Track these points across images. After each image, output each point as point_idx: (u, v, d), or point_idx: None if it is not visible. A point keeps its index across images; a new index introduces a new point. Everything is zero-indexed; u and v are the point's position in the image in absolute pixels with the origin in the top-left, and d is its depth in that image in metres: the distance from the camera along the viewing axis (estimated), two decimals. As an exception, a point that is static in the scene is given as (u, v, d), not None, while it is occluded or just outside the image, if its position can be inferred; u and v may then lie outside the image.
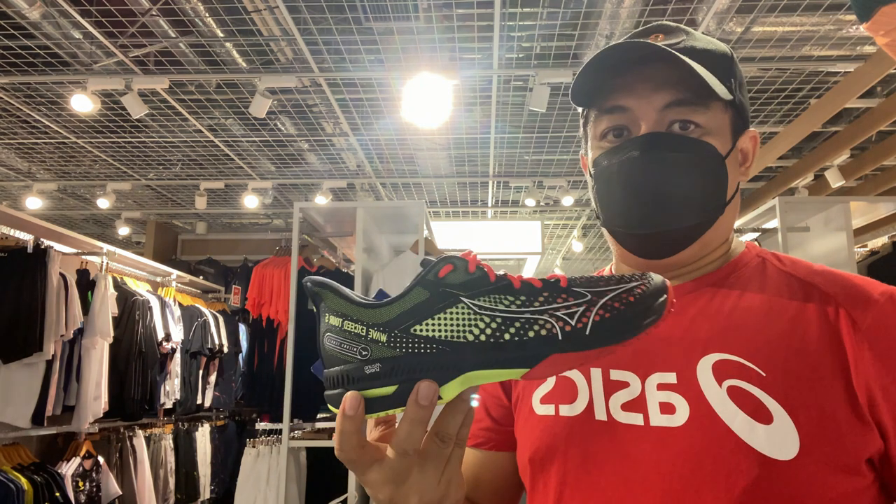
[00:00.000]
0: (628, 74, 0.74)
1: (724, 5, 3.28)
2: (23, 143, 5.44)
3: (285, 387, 3.17)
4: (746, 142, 0.80)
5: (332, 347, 0.57)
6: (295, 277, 3.31)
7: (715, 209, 0.75)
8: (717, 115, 0.74)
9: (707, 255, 0.78)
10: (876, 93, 4.20)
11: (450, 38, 3.70)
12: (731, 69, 0.76)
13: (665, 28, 0.78)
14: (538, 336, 0.53)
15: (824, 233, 3.40)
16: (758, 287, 0.74)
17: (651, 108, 0.73)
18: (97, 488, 3.91)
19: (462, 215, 7.54)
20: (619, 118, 0.75)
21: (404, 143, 5.35)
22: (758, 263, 0.78)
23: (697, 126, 0.73)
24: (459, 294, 0.55)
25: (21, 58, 3.92)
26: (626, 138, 0.75)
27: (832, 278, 0.72)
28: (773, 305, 0.71)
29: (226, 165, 5.94)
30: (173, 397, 4.77)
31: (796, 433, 0.62)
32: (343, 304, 0.57)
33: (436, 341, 0.54)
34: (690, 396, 0.67)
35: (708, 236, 0.76)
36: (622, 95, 0.74)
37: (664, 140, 0.73)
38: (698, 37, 0.77)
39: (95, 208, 7.09)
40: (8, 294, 3.33)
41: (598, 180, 0.78)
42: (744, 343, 0.68)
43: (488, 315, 0.54)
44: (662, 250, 0.76)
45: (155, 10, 3.44)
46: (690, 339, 0.71)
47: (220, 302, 6.03)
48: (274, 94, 4.29)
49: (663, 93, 0.73)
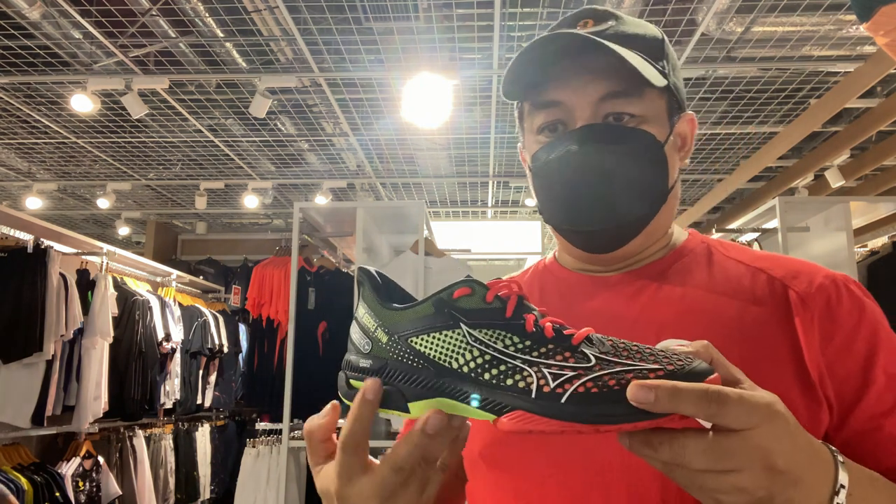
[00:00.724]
0: (560, 65, 0.72)
1: (724, 5, 3.28)
2: (23, 143, 5.44)
3: (285, 387, 3.17)
4: (683, 125, 0.78)
5: (353, 333, 0.59)
6: (295, 277, 3.31)
7: (658, 199, 0.74)
8: (652, 102, 0.72)
9: (652, 244, 0.77)
10: (876, 93, 4.20)
11: (450, 38, 3.70)
12: (664, 52, 0.74)
13: (594, 13, 0.75)
14: (514, 386, 0.50)
15: (824, 233, 3.40)
16: (706, 273, 0.74)
17: (585, 101, 0.71)
18: (97, 488, 3.91)
19: (462, 215, 7.54)
20: (554, 112, 0.73)
21: (404, 143, 5.35)
22: (703, 250, 0.77)
23: (633, 116, 0.71)
24: (461, 319, 0.53)
25: (21, 58, 3.92)
26: (562, 132, 0.73)
27: (778, 262, 0.72)
28: (723, 290, 0.71)
29: (226, 165, 5.94)
30: (173, 397, 4.77)
31: None
32: (371, 297, 0.58)
33: (424, 358, 0.54)
34: None
35: (652, 226, 0.75)
36: (556, 89, 0.72)
37: (600, 132, 0.71)
38: (628, 21, 0.75)
39: (95, 208, 7.09)
40: (8, 294, 3.33)
41: (537, 176, 0.76)
42: (698, 329, 0.68)
43: (480, 348, 0.52)
44: (607, 245, 0.75)
45: (155, 10, 3.44)
46: (643, 327, 0.70)
47: (220, 302, 6.03)
48: (274, 94, 4.29)
49: (596, 84, 0.70)
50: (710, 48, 3.69)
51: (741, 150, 5.40)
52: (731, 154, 5.51)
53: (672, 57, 0.76)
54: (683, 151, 0.79)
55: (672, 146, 0.75)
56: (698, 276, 0.74)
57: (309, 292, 3.81)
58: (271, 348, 4.34)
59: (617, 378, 0.48)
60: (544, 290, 0.82)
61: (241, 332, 5.80)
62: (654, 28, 0.76)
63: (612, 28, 0.73)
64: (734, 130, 4.93)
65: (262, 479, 3.45)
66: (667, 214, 0.77)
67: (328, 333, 3.84)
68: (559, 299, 0.79)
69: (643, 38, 0.73)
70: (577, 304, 0.77)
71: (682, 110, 0.77)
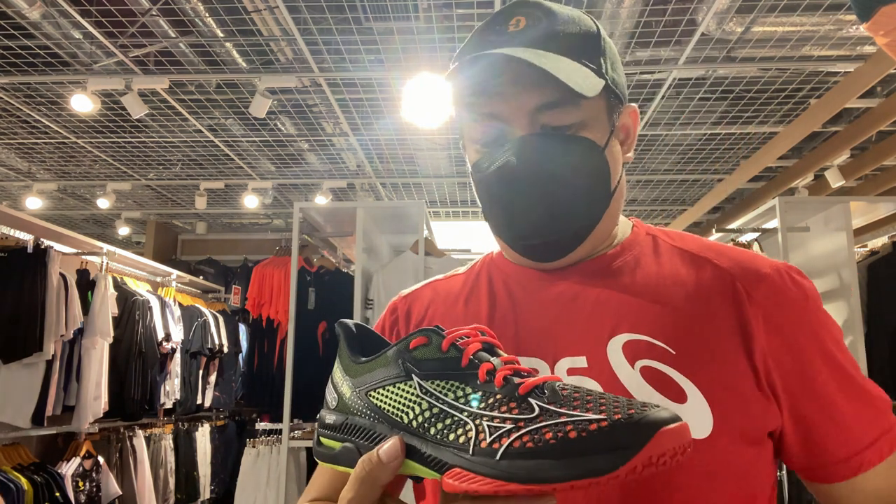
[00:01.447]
0: (492, 79, 0.69)
1: (724, 5, 3.28)
2: (23, 143, 5.44)
3: (285, 387, 3.17)
4: (626, 118, 0.76)
5: (327, 388, 0.58)
6: (295, 277, 3.31)
7: (601, 204, 0.72)
8: (589, 106, 0.70)
9: (600, 244, 0.76)
10: (876, 93, 4.20)
11: (450, 38, 3.70)
12: (599, 47, 0.71)
13: (525, 9, 0.71)
14: (455, 442, 0.47)
15: (824, 233, 3.40)
16: (654, 265, 0.73)
17: (521, 113, 0.69)
18: (97, 488, 3.91)
19: (462, 215, 7.54)
20: (492, 125, 0.71)
21: (404, 143, 5.35)
22: (649, 241, 0.77)
23: (570, 126, 0.69)
24: (413, 371, 0.51)
25: (21, 58, 3.92)
26: (500, 144, 0.71)
27: (724, 252, 0.72)
28: (672, 282, 0.70)
29: (226, 165, 5.94)
30: (173, 397, 4.78)
31: (710, 411, 0.63)
32: (343, 350, 0.57)
33: (379, 412, 0.52)
34: (603, 380, 0.66)
35: (598, 229, 0.74)
36: (490, 101, 0.70)
37: (537, 143, 0.69)
38: (561, 15, 0.71)
39: (95, 208, 7.09)
40: (8, 294, 3.33)
41: (479, 186, 0.75)
42: (650, 322, 0.67)
43: (429, 401, 0.49)
44: (551, 255, 0.74)
45: (155, 10, 3.44)
46: (597, 321, 0.69)
47: (220, 302, 6.03)
48: (274, 94, 4.29)
49: (530, 95, 0.68)
50: (710, 48, 3.69)
51: (741, 150, 5.40)
52: (731, 154, 5.51)
53: (610, 51, 0.73)
54: (626, 145, 0.77)
55: (613, 146, 0.73)
56: (646, 268, 0.73)
57: (309, 292, 3.81)
58: (271, 348, 4.34)
59: (555, 431, 0.43)
60: (493, 284, 0.80)
61: (241, 332, 5.80)
62: (588, 21, 0.73)
63: (543, 26, 0.70)
64: (734, 130, 4.93)
65: (262, 479, 3.45)
66: (612, 215, 0.75)
67: (328, 333, 3.84)
68: (507, 295, 0.77)
69: (577, 36, 0.70)
70: (525, 302, 0.75)
71: (622, 103, 0.75)
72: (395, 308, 0.85)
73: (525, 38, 0.69)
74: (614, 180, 0.73)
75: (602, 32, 0.73)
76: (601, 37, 0.73)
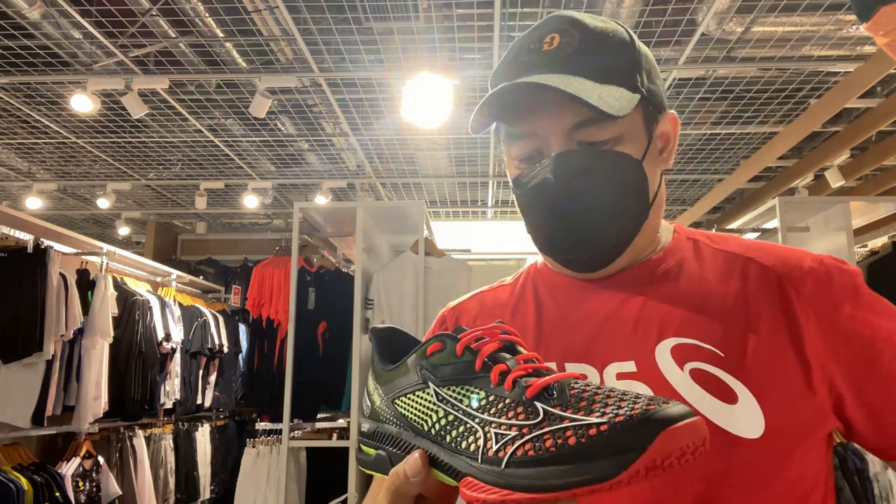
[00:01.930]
0: (527, 99, 0.70)
1: (724, 5, 3.28)
2: (23, 143, 5.44)
3: (285, 387, 3.17)
4: (666, 126, 0.77)
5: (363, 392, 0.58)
6: (295, 277, 3.31)
7: (640, 216, 0.74)
8: (625, 119, 0.70)
9: (641, 253, 0.77)
10: (876, 93, 4.20)
11: (450, 38, 3.70)
12: (634, 59, 0.72)
13: (559, 27, 0.72)
14: (467, 450, 0.46)
15: (824, 233, 3.40)
16: (697, 268, 0.73)
17: (558, 130, 0.70)
18: (97, 488, 3.90)
19: (462, 215, 7.54)
20: (530, 142, 0.73)
21: (404, 143, 5.35)
22: (691, 246, 0.77)
23: (606, 141, 0.70)
24: (430, 378, 0.51)
25: (21, 58, 3.92)
26: (538, 161, 0.72)
27: (767, 250, 0.73)
28: (716, 284, 0.71)
29: (226, 165, 5.94)
30: (173, 397, 4.77)
31: (760, 411, 0.63)
32: (375, 357, 0.57)
33: (404, 420, 0.52)
34: (653, 383, 0.67)
35: (638, 239, 0.75)
36: (528, 118, 0.72)
37: (575, 159, 0.70)
38: (594, 31, 0.72)
39: (95, 208, 7.09)
40: (8, 294, 3.33)
41: (520, 201, 0.76)
42: (697, 325, 0.68)
43: (444, 409, 0.49)
44: (593, 266, 0.75)
45: (155, 10, 3.44)
46: (643, 327, 0.70)
47: (220, 302, 6.03)
48: (274, 94, 4.29)
49: (566, 113, 0.69)
50: (710, 48, 3.69)
51: (741, 150, 5.40)
52: (731, 154, 5.51)
53: (646, 59, 0.74)
54: (667, 152, 0.78)
55: (652, 156, 0.74)
56: (690, 273, 0.73)
57: (309, 292, 3.81)
58: (271, 348, 4.33)
59: (555, 437, 0.42)
60: (538, 294, 0.81)
61: (241, 332, 5.80)
62: (622, 33, 0.73)
63: (576, 46, 0.71)
64: (734, 130, 4.93)
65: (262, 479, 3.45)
66: (653, 223, 0.76)
67: (328, 333, 3.84)
68: (553, 304, 0.79)
69: (611, 51, 0.71)
70: (571, 310, 0.76)
71: (661, 111, 0.76)
72: (444, 320, 0.87)
73: (558, 58, 0.70)
74: (652, 191, 0.74)
75: (637, 43, 0.74)
76: (636, 48, 0.73)
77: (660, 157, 0.76)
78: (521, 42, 0.75)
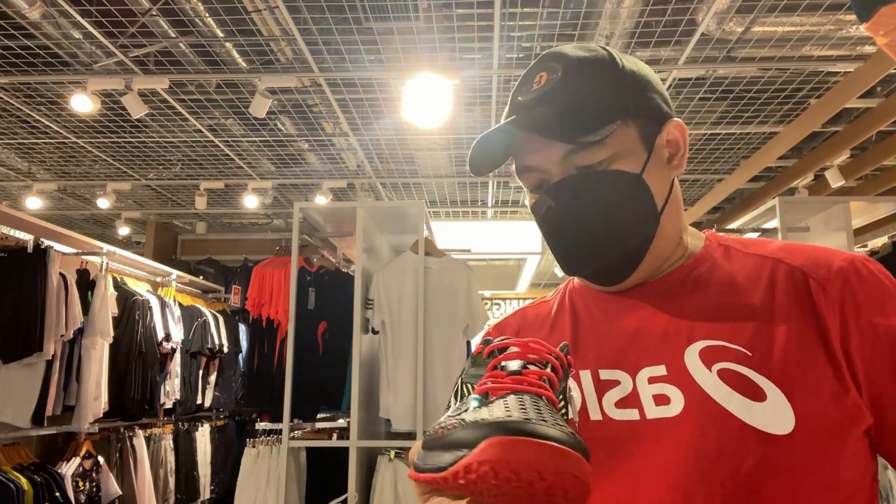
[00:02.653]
0: (519, 137, 0.77)
1: (724, 5, 3.28)
2: (23, 143, 5.44)
3: (285, 387, 3.17)
4: (672, 133, 0.79)
5: None
6: (295, 277, 3.31)
7: (648, 225, 0.76)
8: (618, 138, 0.74)
9: (664, 260, 0.79)
10: (876, 93, 4.20)
11: (450, 38, 3.70)
12: (620, 80, 0.75)
13: (546, 63, 0.77)
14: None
15: (824, 233, 3.40)
16: (726, 273, 0.75)
17: (552, 161, 0.75)
18: (97, 488, 3.90)
19: (462, 215, 7.54)
20: (533, 175, 0.78)
21: (404, 143, 5.35)
22: (722, 252, 0.78)
23: (601, 162, 0.74)
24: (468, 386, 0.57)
25: (21, 58, 3.92)
26: (543, 190, 0.77)
27: (796, 251, 0.73)
28: (745, 286, 0.72)
29: (226, 165, 5.94)
30: (173, 397, 4.77)
31: (790, 407, 0.64)
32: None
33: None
34: (683, 385, 0.68)
35: (654, 247, 0.77)
36: (526, 154, 0.77)
37: (572, 184, 0.74)
38: (574, 59, 0.76)
39: (95, 208, 7.09)
40: (8, 294, 3.33)
41: (538, 227, 0.81)
42: (725, 327, 0.69)
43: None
44: (612, 279, 0.79)
45: (155, 10, 3.44)
46: (673, 333, 0.72)
47: (220, 302, 6.03)
48: (274, 94, 4.29)
49: (556, 144, 0.74)
50: (710, 48, 3.69)
51: (741, 150, 5.40)
52: (731, 154, 5.51)
53: (633, 77, 0.76)
54: (677, 158, 0.79)
55: (655, 166, 0.76)
56: (719, 278, 0.75)
57: (309, 292, 3.81)
58: (271, 348, 4.33)
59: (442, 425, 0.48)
60: (575, 306, 0.84)
61: (241, 332, 5.80)
62: (602, 56, 0.76)
63: (558, 80, 0.75)
64: (734, 130, 4.93)
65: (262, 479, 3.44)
66: (669, 231, 0.78)
67: (328, 333, 3.84)
68: (588, 315, 0.82)
69: (592, 76, 0.75)
70: (604, 321, 0.80)
71: (663, 121, 0.78)
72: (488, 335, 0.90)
73: (542, 96, 0.75)
74: (660, 199, 0.77)
75: (622, 63, 0.76)
76: (619, 69, 0.76)
77: (668, 165, 0.78)
78: (519, 82, 0.80)
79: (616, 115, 0.73)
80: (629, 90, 0.76)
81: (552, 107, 0.74)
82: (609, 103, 0.74)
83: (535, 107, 0.75)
